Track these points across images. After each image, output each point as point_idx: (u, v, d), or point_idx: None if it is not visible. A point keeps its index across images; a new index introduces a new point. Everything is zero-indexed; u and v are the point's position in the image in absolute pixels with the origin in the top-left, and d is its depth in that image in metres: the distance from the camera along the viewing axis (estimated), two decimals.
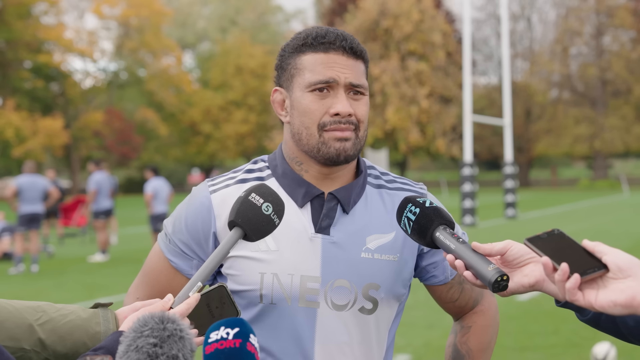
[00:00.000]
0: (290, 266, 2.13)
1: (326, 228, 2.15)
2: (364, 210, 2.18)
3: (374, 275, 2.15)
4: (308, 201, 2.17)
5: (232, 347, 1.62)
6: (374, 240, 2.16)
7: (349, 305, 2.14)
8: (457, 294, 2.31)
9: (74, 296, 12.28)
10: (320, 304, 2.13)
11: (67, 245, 21.43)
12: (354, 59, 2.14)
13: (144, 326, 1.60)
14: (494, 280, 1.71)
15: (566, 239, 1.68)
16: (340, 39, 2.13)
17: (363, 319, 2.15)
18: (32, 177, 15.81)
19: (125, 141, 52.03)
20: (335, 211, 2.17)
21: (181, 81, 58.15)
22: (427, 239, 1.84)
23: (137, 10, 54.84)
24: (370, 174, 2.26)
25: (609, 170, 64.17)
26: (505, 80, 30.15)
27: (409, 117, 54.33)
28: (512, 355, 8.01)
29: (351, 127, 2.12)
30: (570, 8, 61.76)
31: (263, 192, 1.93)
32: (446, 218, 1.85)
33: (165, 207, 16.88)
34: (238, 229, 1.90)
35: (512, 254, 1.78)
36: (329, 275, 2.13)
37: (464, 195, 25.60)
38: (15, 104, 47.03)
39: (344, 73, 2.12)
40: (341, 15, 57.58)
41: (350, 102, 2.12)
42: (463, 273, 1.77)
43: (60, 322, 1.92)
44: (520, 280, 1.77)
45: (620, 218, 25.89)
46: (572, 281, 1.61)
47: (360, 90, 2.14)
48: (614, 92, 60.89)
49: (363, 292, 2.14)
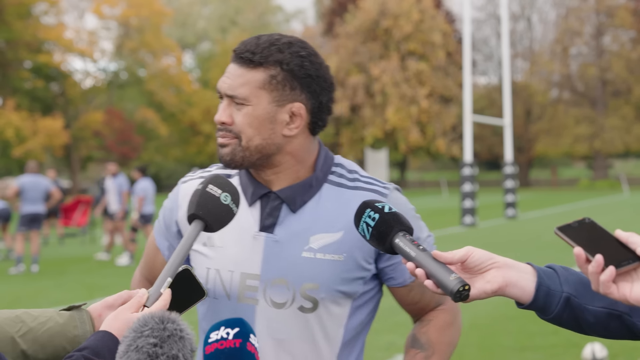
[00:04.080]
0: (231, 263, 2.20)
1: (270, 227, 2.19)
2: (313, 210, 2.19)
3: (313, 275, 2.15)
4: (256, 200, 2.22)
5: (232, 347, 1.63)
6: (319, 240, 2.16)
7: (287, 304, 2.16)
8: (418, 296, 2.28)
9: (74, 296, 12.28)
10: (259, 301, 2.17)
11: (67, 245, 21.43)
12: (245, 68, 2.13)
13: (144, 326, 1.60)
14: (455, 290, 1.69)
15: (598, 229, 1.64)
16: (239, 49, 2.16)
17: (303, 317, 2.16)
18: (35, 177, 15.78)
19: (126, 141, 52.00)
20: (279, 210, 2.19)
21: (181, 81, 58.13)
22: (387, 245, 1.82)
23: (137, 10, 54.81)
24: (335, 172, 2.25)
25: (609, 170, 64.12)
26: (505, 80, 30.14)
27: (409, 117, 54.33)
28: (512, 355, 8.01)
29: (228, 134, 2.16)
30: (570, 8, 61.74)
31: (220, 183, 1.97)
32: (405, 224, 1.82)
33: (153, 207, 16.76)
34: (198, 221, 1.94)
35: (473, 260, 1.76)
36: (268, 274, 2.17)
37: (464, 195, 25.59)
38: (16, 104, 47.01)
39: (225, 83, 2.15)
40: (341, 15, 57.58)
41: (232, 112, 2.15)
42: (424, 282, 1.75)
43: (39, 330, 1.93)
44: (482, 287, 1.75)
45: (621, 218, 25.88)
46: (607, 274, 1.57)
47: (237, 100, 2.14)
48: (614, 92, 60.86)
49: (301, 291, 2.15)
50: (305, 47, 2.17)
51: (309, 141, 2.22)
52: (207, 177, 2.00)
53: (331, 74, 2.23)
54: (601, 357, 6.74)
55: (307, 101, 2.16)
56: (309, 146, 2.22)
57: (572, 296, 1.77)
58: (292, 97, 2.14)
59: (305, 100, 2.16)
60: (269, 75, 2.12)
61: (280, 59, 2.12)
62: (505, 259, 1.79)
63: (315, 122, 2.20)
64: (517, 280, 1.76)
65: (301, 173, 2.22)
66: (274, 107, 2.13)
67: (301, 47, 2.16)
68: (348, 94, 54.64)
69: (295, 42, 2.17)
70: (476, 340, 8.60)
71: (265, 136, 2.14)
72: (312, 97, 2.16)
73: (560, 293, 1.77)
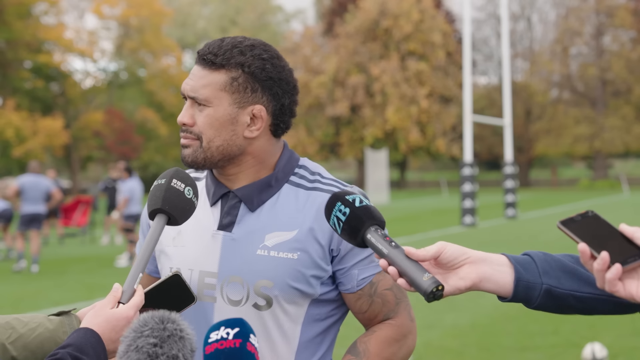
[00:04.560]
0: (191, 261, 2.24)
1: (229, 225, 2.22)
2: (270, 209, 2.21)
3: (266, 273, 2.16)
4: (217, 199, 2.25)
5: (232, 347, 1.63)
6: (273, 238, 2.18)
7: (242, 301, 2.18)
8: (365, 306, 2.24)
9: (74, 296, 12.29)
10: (217, 299, 2.20)
11: (67, 245, 21.42)
12: (208, 69, 2.17)
13: (144, 326, 1.60)
14: (429, 291, 1.66)
15: (602, 223, 1.58)
16: (202, 51, 2.20)
17: (258, 314, 2.18)
18: (35, 177, 15.80)
19: (126, 141, 51.97)
20: (237, 209, 2.23)
21: (181, 81, 57.74)
22: (358, 240, 1.79)
23: (137, 10, 54.79)
24: (297, 174, 2.27)
25: (609, 170, 64.12)
26: (505, 80, 30.14)
27: (409, 117, 54.31)
28: (512, 355, 8.01)
29: (189, 135, 2.19)
30: (570, 8, 61.74)
31: (182, 177, 2.04)
32: (378, 218, 1.80)
33: (140, 207, 16.64)
34: (162, 215, 2.00)
35: (446, 256, 1.73)
36: (225, 271, 2.20)
37: (464, 195, 25.58)
38: (16, 104, 46.95)
39: (188, 84, 2.19)
40: (341, 15, 57.55)
41: (195, 113, 2.18)
42: (397, 280, 1.72)
43: (30, 337, 1.94)
44: (456, 284, 1.72)
45: (621, 218, 25.86)
46: (613, 271, 1.53)
47: (198, 101, 2.17)
48: (614, 92, 60.85)
49: (255, 288, 2.17)
50: (268, 50, 2.20)
51: (270, 143, 2.24)
52: (168, 172, 2.05)
53: (294, 77, 2.26)
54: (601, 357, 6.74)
55: (268, 103, 2.19)
56: (271, 148, 2.25)
57: (553, 287, 1.73)
58: (253, 99, 2.17)
59: (267, 103, 2.19)
60: (230, 78, 2.16)
61: (242, 61, 2.16)
62: (479, 253, 1.75)
63: (277, 124, 2.23)
64: (491, 275, 1.73)
65: (261, 173, 2.24)
66: (235, 108, 2.17)
67: (263, 50, 2.19)
68: (348, 94, 54.63)
69: (258, 45, 2.20)
70: (476, 340, 8.60)
71: (226, 137, 2.18)
72: (273, 100, 2.19)
73: (540, 285, 1.73)
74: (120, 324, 1.86)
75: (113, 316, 1.87)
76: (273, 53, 2.20)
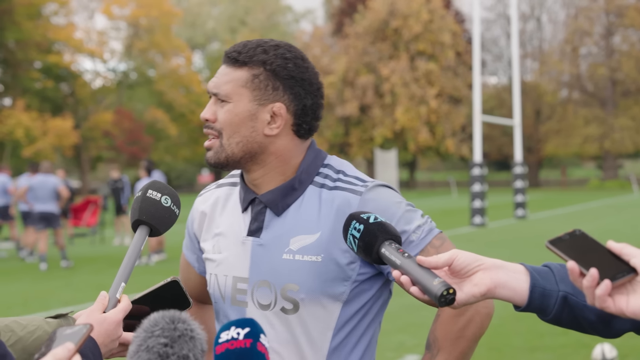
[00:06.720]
0: (226, 268, 2.30)
1: (257, 231, 2.25)
2: (295, 212, 2.22)
3: (292, 276, 2.18)
4: (247, 205, 2.29)
5: (243, 347, 1.63)
6: (298, 242, 2.19)
7: (271, 305, 2.21)
8: None
9: (83, 296, 12.32)
10: (249, 303, 2.24)
11: (77, 245, 21.49)
12: (232, 67, 2.21)
13: (154, 326, 1.61)
14: (439, 295, 1.66)
15: (589, 240, 1.60)
16: (228, 51, 2.24)
17: (285, 318, 2.20)
18: (44, 177, 16.15)
19: (135, 141, 52.09)
20: (263, 215, 2.25)
21: (191, 81, 58.21)
22: (374, 255, 1.81)
23: (147, 11, 54.92)
24: (321, 173, 2.26)
25: (619, 170, 63.94)
26: (514, 80, 30.09)
27: (419, 117, 54.27)
28: (522, 355, 8.00)
29: (212, 132, 2.23)
30: (580, 8, 61.58)
31: (158, 187, 2.11)
32: (391, 232, 1.81)
33: None
34: (143, 227, 2.06)
35: (459, 263, 1.72)
36: (255, 276, 2.24)
37: (473, 195, 25.55)
38: (25, 104, 47.12)
39: (212, 82, 2.24)
40: (350, 16, 57.56)
41: (217, 109, 2.22)
42: (410, 289, 1.72)
43: (28, 340, 1.96)
44: (470, 291, 1.71)
45: (631, 218, 25.80)
46: (602, 288, 1.53)
47: (220, 97, 2.21)
48: (624, 92, 60.68)
49: (282, 292, 2.19)
50: (292, 50, 2.22)
51: (294, 143, 2.24)
52: (145, 184, 2.14)
53: (319, 81, 2.26)
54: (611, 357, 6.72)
55: (289, 102, 2.20)
56: (294, 148, 2.24)
57: (570, 294, 1.72)
58: (274, 97, 2.19)
59: (288, 102, 2.20)
60: (251, 75, 2.19)
61: (264, 59, 2.18)
62: (494, 260, 1.74)
63: (300, 125, 2.23)
64: (506, 281, 1.72)
65: (286, 175, 2.25)
66: (255, 105, 2.19)
67: (287, 50, 2.21)
68: (357, 94, 54.63)
69: (283, 46, 2.22)
70: (486, 340, 8.59)
71: (246, 134, 2.19)
72: (295, 99, 2.20)
73: (557, 292, 1.72)
74: (111, 328, 1.93)
75: (105, 320, 1.93)
76: (297, 54, 2.22)
